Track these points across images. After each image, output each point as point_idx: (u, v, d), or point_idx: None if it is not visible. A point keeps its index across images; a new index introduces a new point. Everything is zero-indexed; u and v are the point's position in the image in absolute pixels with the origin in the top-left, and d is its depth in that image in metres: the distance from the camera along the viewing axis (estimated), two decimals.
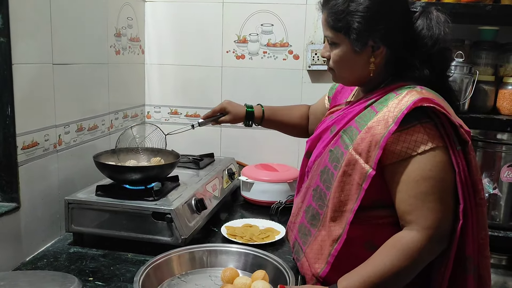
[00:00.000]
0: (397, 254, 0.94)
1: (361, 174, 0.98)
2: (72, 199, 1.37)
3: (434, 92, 1.01)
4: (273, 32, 2.01)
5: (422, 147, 0.95)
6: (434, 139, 0.95)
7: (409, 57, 1.04)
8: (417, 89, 0.99)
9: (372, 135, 0.97)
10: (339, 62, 1.08)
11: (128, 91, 1.97)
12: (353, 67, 1.07)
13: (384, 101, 1.02)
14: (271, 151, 2.07)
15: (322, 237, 1.06)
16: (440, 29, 1.03)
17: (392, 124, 0.95)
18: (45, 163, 1.37)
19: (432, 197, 0.94)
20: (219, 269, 1.23)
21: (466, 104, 1.64)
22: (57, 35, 1.39)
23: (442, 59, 1.05)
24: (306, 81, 2.02)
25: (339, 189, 1.02)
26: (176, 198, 1.39)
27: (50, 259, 1.30)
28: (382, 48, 1.03)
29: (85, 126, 1.59)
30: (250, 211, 1.76)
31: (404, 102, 0.96)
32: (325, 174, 1.08)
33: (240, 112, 1.48)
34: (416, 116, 0.95)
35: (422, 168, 0.95)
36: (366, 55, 1.04)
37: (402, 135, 0.96)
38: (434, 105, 0.94)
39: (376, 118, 0.99)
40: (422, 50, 1.03)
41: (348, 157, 1.01)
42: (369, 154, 0.97)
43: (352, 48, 1.04)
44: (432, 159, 0.95)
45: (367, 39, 1.02)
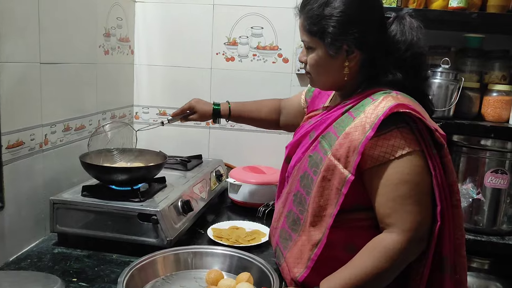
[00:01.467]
0: (378, 256, 0.95)
1: (340, 179, 1.00)
2: (58, 199, 1.36)
3: (409, 97, 1.03)
4: (263, 35, 2.01)
5: (399, 151, 0.96)
6: (411, 144, 0.97)
7: (383, 61, 1.06)
8: (393, 95, 1.01)
9: (350, 141, 0.99)
10: (315, 66, 1.10)
11: (116, 91, 1.96)
12: (328, 71, 1.09)
13: (361, 106, 1.03)
14: (259, 153, 2.08)
15: (302, 242, 1.07)
16: (413, 34, 1.05)
17: (369, 130, 0.97)
18: (30, 162, 1.36)
19: (411, 200, 0.96)
20: (204, 271, 1.23)
21: (451, 110, 1.66)
22: (45, 34, 1.38)
23: (416, 64, 1.07)
24: (295, 84, 2.03)
25: (319, 194, 1.03)
26: (163, 200, 1.39)
27: (34, 260, 1.29)
28: (356, 52, 1.05)
29: (72, 126, 1.59)
30: (237, 213, 1.77)
31: (381, 108, 0.97)
32: (305, 179, 1.09)
33: (207, 110, 1.53)
34: (393, 121, 0.97)
35: (400, 172, 0.97)
36: (341, 59, 1.06)
37: (380, 140, 0.97)
38: (410, 110, 0.96)
39: (354, 124, 1.00)
40: (395, 55, 1.05)
41: (327, 162, 1.02)
42: (348, 159, 0.99)
43: (327, 52, 1.06)
44: (410, 163, 0.97)
45: (342, 43, 1.03)
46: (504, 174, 1.60)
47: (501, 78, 1.73)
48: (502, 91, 1.66)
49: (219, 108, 1.54)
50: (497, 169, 1.61)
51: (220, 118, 1.55)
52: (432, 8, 1.62)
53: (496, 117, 1.67)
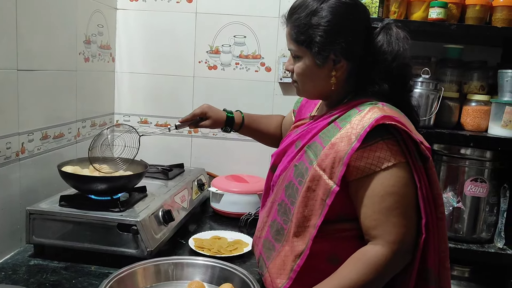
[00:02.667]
0: (363, 268, 0.95)
1: (325, 190, 0.99)
2: (34, 209, 1.32)
3: (395, 109, 1.04)
4: (245, 44, 2.01)
5: (385, 163, 0.96)
6: (397, 156, 0.97)
7: (369, 71, 1.06)
8: (379, 106, 1.01)
9: (336, 152, 0.99)
10: (302, 75, 1.10)
11: (97, 99, 1.93)
12: (315, 80, 1.09)
13: (347, 117, 1.03)
14: (242, 162, 2.07)
15: (285, 252, 1.06)
16: (400, 45, 1.06)
17: (355, 141, 0.96)
18: (6, 171, 1.32)
19: (396, 212, 0.96)
20: (185, 282, 1.21)
21: (432, 119, 1.68)
22: (23, 40, 1.35)
23: (402, 75, 1.08)
24: (277, 93, 2.03)
25: (303, 204, 1.02)
26: (143, 209, 1.36)
27: (8, 272, 1.24)
28: (343, 62, 1.05)
29: (51, 134, 1.55)
30: (219, 223, 1.75)
31: (367, 120, 0.97)
32: (290, 189, 1.08)
33: (220, 117, 1.48)
34: (379, 133, 0.97)
35: (385, 184, 0.96)
36: (328, 68, 1.06)
37: (366, 151, 0.97)
38: (396, 123, 0.97)
39: (340, 134, 1.00)
40: (382, 65, 1.06)
41: (313, 172, 1.02)
42: (333, 170, 0.99)
43: (314, 61, 1.06)
44: (395, 175, 0.96)
45: (329, 52, 1.04)
46: (483, 183, 1.63)
47: (479, 88, 1.76)
48: (480, 101, 1.70)
49: (233, 116, 1.48)
50: (476, 177, 1.63)
51: (231, 128, 1.50)
52: (412, 19, 1.64)
53: (475, 126, 1.70)
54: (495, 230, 1.68)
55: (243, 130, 1.51)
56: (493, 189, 1.64)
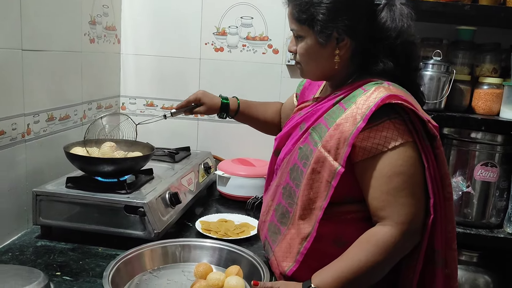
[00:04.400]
0: (371, 250, 0.94)
1: (330, 171, 0.98)
2: (41, 191, 1.32)
3: (401, 88, 1.01)
4: (252, 25, 1.98)
5: (392, 143, 0.95)
6: (404, 135, 0.95)
7: (373, 49, 1.03)
8: (385, 85, 0.99)
9: (341, 132, 0.97)
10: (305, 55, 1.07)
11: (102, 81, 1.91)
12: (318, 60, 1.07)
13: (352, 97, 1.01)
14: (248, 145, 2.05)
15: (291, 236, 1.05)
16: (403, 21, 1.03)
17: (360, 121, 0.95)
18: (12, 153, 1.31)
19: (404, 192, 0.94)
20: (192, 264, 1.21)
21: (443, 103, 1.65)
22: (27, 19, 1.33)
23: (406, 52, 1.05)
24: (285, 75, 2.00)
25: (308, 187, 1.01)
26: (150, 192, 1.35)
27: (15, 253, 1.24)
28: (347, 40, 1.02)
29: (56, 116, 1.54)
30: (226, 206, 1.74)
31: (372, 99, 0.95)
32: (295, 172, 1.07)
33: (215, 103, 1.46)
34: (385, 112, 0.95)
35: (393, 164, 0.95)
36: (331, 47, 1.03)
37: (372, 131, 0.95)
38: (402, 102, 0.94)
39: (345, 115, 0.99)
40: (386, 42, 1.03)
41: (317, 154, 1.00)
42: (338, 151, 0.97)
43: (316, 40, 1.03)
44: (403, 155, 0.95)
45: (331, 30, 1.01)
46: (493, 167, 1.60)
47: (492, 71, 1.72)
48: (493, 84, 1.66)
49: (228, 103, 1.46)
50: (487, 162, 1.60)
51: (227, 114, 1.48)
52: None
53: (486, 110, 1.67)
54: (504, 215, 1.66)
55: (239, 116, 1.49)
56: (503, 174, 1.62)
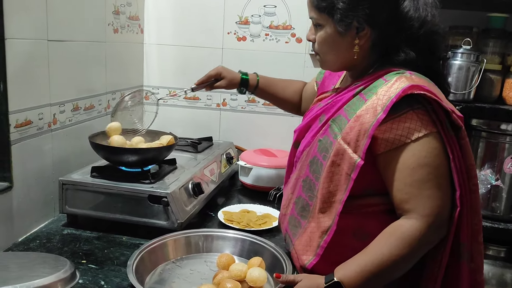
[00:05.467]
0: (396, 243, 0.92)
1: (350, 164, 0.96)
2: (67, 180, 1.34)
3: (424, 78, 0.98)
4: (276, 14, 1.96)
5: (416, 134, 0.92)
6: (427, 125, 0.93)
7: (395, 39, 1.00)
8: (407, 75, 0.96)
9: (361, 124, 0.95)
10: (323, 45, 1.05)
11: (126, 71, 1.92)
12: (337, 50, 1.04)
13: (373, 88, 0.99)
14: (271, 136, 2.04)
15: (311, 229, 1.04)
16: (427, 11, 1.00)
17: (381, 113, 0.92)
18: (39, 142, 1.34)
19: (429, 184, 0.92)
20: (214, 254, 1.21)
21: (472, 93, 1.60)
22: (53, 10, 1.34)
23: (430, 43, 1.01)
24: (308, 65, 1.98)
25: (328, 180, 1.00)
26: (173, 182, 1.36)
27: (42, 240, 1.27)
28: (367, 29, 0.99)
29: (81, 106, 1.56)
30: (248, 197, 1.74)
31: (394, 90, 0.93)
32: (314, 164, 1.06)
33: (235, 78, 1.47)
34: (408, 103, 0.93)
35: (417, 156, 0.92)
36: (351, 37, 1.01)
37: (395, 122, 0.93)
38: (425, 92, 0.92)
39: (365, 106, 0.96)
40: (408, 32, 0.99)
41: (337, 146, 0.98)
42: (358, 143, 0.95)
43: (336, 29, 1.00)
44: (427, 146, 0.92)
45: (352, 19, 0.98)
46: None
47: None
48: None
49: (247, 78, 1.47)
50: None
51: (246, 89, 1.49)
52: None
53: None
54: None
55: (258, 92, 1.50)
56: None
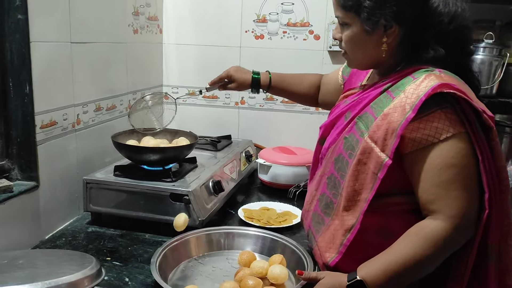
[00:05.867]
0: (420, 243, 0.91)
1: (377, 163, 0.95)
2: (91, 178, 1.37)
3: (454, 76, 0.96)
4: (293, 11, 1.95)
5: (444, 134, 0.90)
6: (456, 126, 0.91)
7: (424, 36, 0.98)
8: (436, 73, 0.94)
9: (389, 123, 0.94)
10: (351, 44, 1.04)
11: (146, 71, 1.95)
12: (365, 49, 1.03)
13: (401, 85, 0.97)
14: (289, 133, 2.04)
15: (335, 226, 1.04)
16: (457, 5, 0.97)
17: (410, 112, 0.91)
18: (63, 142, 1.37)
19: (456, 185, 0.90)
20: (236, 251, 1.22)
21: (495, 88, 1.58)
22: (75, 13, 1.37)
23: (460, 38, 0.99)
24: (326, 62, 1.97)
25: (354, 178, 0.99)
26: (194, 180, 1.38)
27: (68, 238, 1.31)
28: (395, 27, 0.98)
29: (103, 106, 1.59)
30: (267, 194, 1.74)
31: (422, 88, 0.91)
32: (340, 162, 1.05)
33: (246, 79, 1.48)
34: (436, 102, 0.91)
35: (444, 156, 0.91)
36: (378, 35, 0.99)
37: (423, 122, 0.91)
38: (455, 91, 0.89)
39: (393, 104, 0.95)
40: (437, 28, 0.97)
41: (364, 145, 0.97)
42: (386, 142, 0.94)
43: (363, 28, 0.99)
44: (455, 146, 0.90)
45: (379, 18, 0.97)
46: None
47: None
48: None
49: (259, 78, 1.48)
50: None
51: (259, 89, 1.50)
52: None
53: None
54: None
55: (272, 89, 1.50)
56: None
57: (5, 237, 1.16)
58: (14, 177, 1.25)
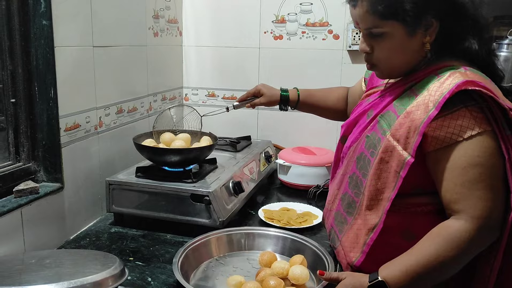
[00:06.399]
0: (443, 244, 0.89)
1: (399, 161, 0.94)
2: (113, 180, 1.40)
3: (480, 73, 0.94)
4: (312, 11, 1.95)
5: (468, 132, 0.89)
6: (482, 124, 0.89)
7: (458, 29, 0.96)
8: (461, 71, 0.92)
9: (411, 120, 0.92)
10: (390, 52, 0.99)
11: (166, 73, 1.97)
12: (406, 54, 0.99)
13: (425, 84, 0.96)
14: (309, 134, 2.04)
15: (358, 226, 1.03)
16: None
17: (433, 109, 0.89)
18: (86, 144, 1.40)
19: (481, 184, 0.89)
20: (256, 252, 1.23)
21: None
22: (97, 17, 1.40)
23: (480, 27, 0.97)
24: (346, 61, 1.96)
25: (376, 177, 0.98)
26: (214, 181, 1.39)
27: (92, 238, 1.33)
28: (435, 23, 0.95)
29: (125, 108, 1.61)
30: (287, 195, 1.74)
31: (446, 85, 0.90)
32: (362, 161, 1.04)
33: (274, 95, 1.46)
34: (461, 100, 0.89)
35: (469, 155, 0.89)
36: (420, 36, 0.96)
37: (446, 119, 0.90)
38: (480, 88, 0.88)
39: (416, 102, 0.94)
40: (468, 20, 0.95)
41: (386, 143, 0.96)
42: (408, 140, 0.93)
43: (405, 32, 0.95)
44: (480, 145, 0.89)
45: (423, 18, 0.94)
46: None
47: None
48: None
49: (287, 95, 1.46)
50: None
51: (288, 105, 1.48)
52: None
53: None
54: None
55: (300, 106, 1.49)
56: None
57: (32, 237, 1.19)
58: (40, 179, 1.29)
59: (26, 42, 1.21)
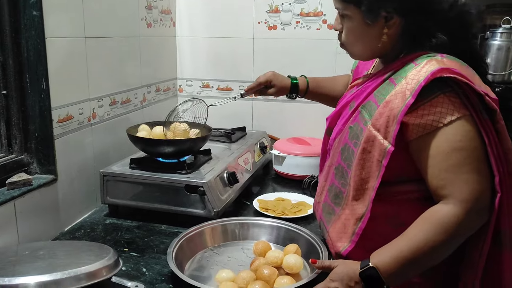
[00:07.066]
0: (432, 229, 0.90)
1: (380, 150, 0.94)
2: (107, 171, 1.39)
3: (456, 60, 0.95)
4: (306, 1, 1.94)
5: (448, 117, 0.89)
6: (460, 109, 0.90)
7: (425, 24, 0.97)
8: (437, 58, 0.93)
9: (390, 109, 0.93)
10: (350, 36, 1.03)
11: (160, 64, 1.97)
12: (364, 40, 1.02)
13: (403, 72, 0.96)
14: (303, 124, 2.04)
15: (345, 216, 1.04)
16: None
17: (410, 97, 0.90)
18: (80, 136, 1.39)
19: (466, 168, 0.89)
20: (251, 242, 1.23)
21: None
22: (89, 8, 1.38)
23: (462, 23, 0.97)
24: (340, 51, 1.92)
25: (360, 167, 0.99)
26: (209, 171, 1.39)
27: (87, 230, 1.33)
28: (396, 18, 0.96)
29: (118, 100, 1.61)
30: (282, 185, 1.75)
31: (423, 73, 0.90)
32: (346, 152, 1.05)
33: (285, 84, 1.46)
34: (438, 86, 0.90)
35: (451, 140, 0.90)
36: (379, 26, 0.98)
37: (426, 107, 0.90)
38: (455, 75, 0.88)
39: (394, 91, 0.94)
40: (438, 16, 0.96)
41: (367, 133, 0.97)
42: (388, 129, 0.93)
43: (363, 20, 0.98)
44: (461, 129, 0.89)
45: (379, 9, 0.95)
46: None
47: None
48: None
49: (297, 83, 1.46)
50: None
51: (296, 95, 1.48)
52: None
53: None
54: None
55: (308, 95, 1.49)
56: None
57: (27, 229, 1.19)
58: (33, 171, 1.28)
59: (16, 34, 1.20)
